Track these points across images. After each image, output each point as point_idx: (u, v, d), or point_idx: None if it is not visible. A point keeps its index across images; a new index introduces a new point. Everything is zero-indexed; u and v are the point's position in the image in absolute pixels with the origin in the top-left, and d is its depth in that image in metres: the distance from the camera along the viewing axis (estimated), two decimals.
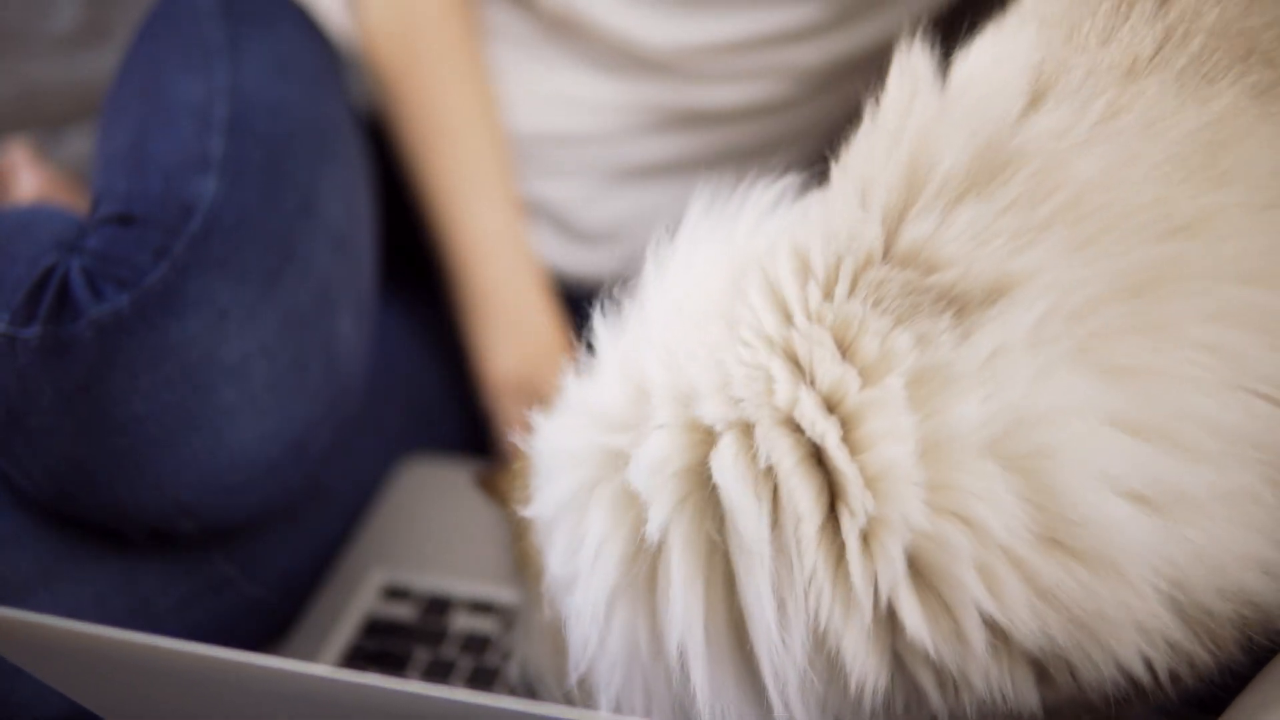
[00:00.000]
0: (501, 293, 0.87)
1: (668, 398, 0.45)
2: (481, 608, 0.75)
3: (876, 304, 0.43)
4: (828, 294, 0.45)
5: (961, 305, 0.43)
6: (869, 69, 0.88)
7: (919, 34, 0.49)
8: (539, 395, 0.53)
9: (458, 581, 0.78)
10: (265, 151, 0.73)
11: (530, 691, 0.60)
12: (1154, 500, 0.41)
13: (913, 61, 0.48)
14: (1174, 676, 0.43)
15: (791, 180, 0.52)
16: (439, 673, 0.71)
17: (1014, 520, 0.40)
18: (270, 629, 0.77)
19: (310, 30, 0.85)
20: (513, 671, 0.64)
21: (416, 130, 0.87)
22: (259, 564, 0.75)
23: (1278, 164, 0.44)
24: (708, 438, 0.44)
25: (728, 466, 0.43)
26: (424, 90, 0.87)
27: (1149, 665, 0.42)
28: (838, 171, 0.49)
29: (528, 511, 0.50)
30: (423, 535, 0.83)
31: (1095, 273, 0.42)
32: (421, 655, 0.72)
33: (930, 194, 0.44)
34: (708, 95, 0.88)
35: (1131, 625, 0.41)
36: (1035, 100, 0.46)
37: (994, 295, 0.42)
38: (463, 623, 0.75)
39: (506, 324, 0.87)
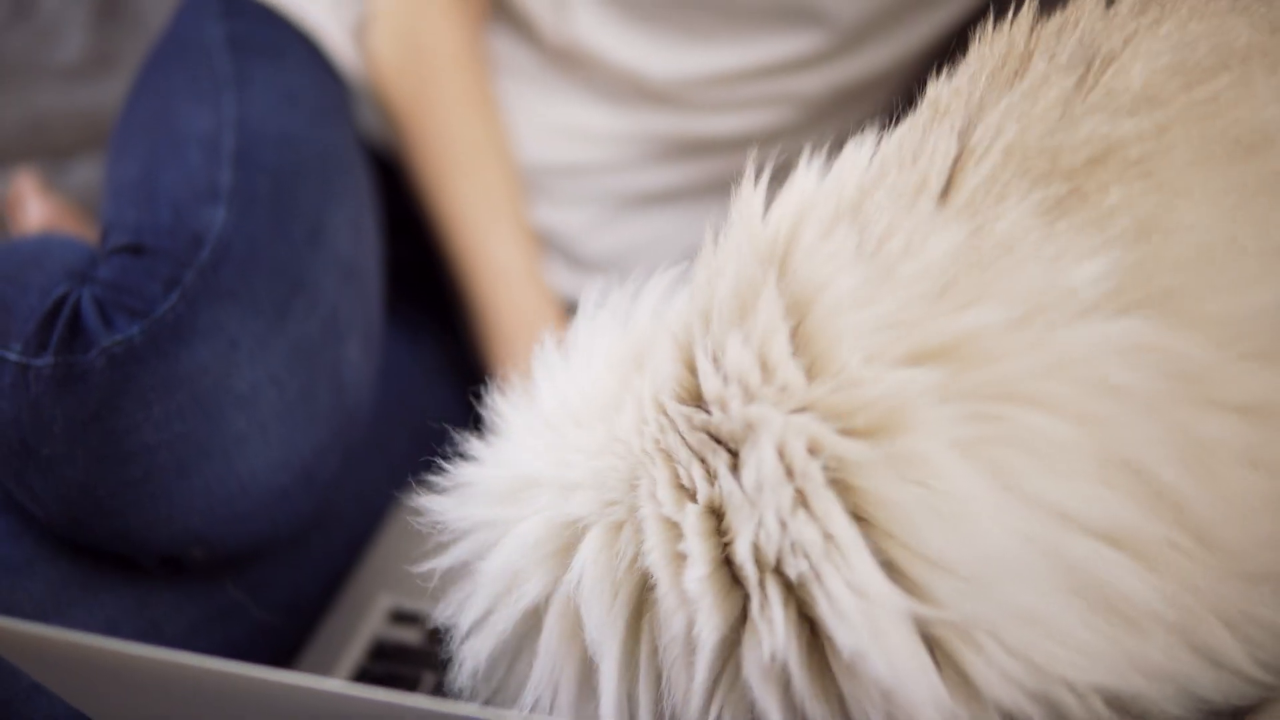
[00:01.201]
0: (525, 326, 0.87)
1: (550, 488, 0.48)
2: None
3: (681, 437, 0.46)
4: (660, 422, 0.47)
5: (733, 442, 0.45)
6: (871, 96, 0.90)
7: (755, 161, 0.50)
8: None
9: None
10: (273, 182, 0.73)
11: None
12: (935, 625, 0.40)
13: (742, 190, 0.49)
14: None
15: (686, 269, 0.53)
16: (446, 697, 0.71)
17: (791, 642, 0.42)
18: (279, 653, 0.77)
19: (316, 61, 0.86)
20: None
21: (430, 163, 0.88)
22: (268, 590, 0.75)
23: (1053, 280, 0.42)
24: (580, 530, 0.47)
25: (589, 560, 0.46)
26: (435, 123, 0.88)
27: None
28: (683, 295, 0.51)
29: (418, 569, 0.52)
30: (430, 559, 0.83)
31: (829, 408, 0.42)
32: (429, 679, 0.73)
33: (713, 330, 0.46)
34: (711, 124, 0.89)
35: None
36: (833, 222, 0.46)
37: (746, 432, 0.44)
38: None
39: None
